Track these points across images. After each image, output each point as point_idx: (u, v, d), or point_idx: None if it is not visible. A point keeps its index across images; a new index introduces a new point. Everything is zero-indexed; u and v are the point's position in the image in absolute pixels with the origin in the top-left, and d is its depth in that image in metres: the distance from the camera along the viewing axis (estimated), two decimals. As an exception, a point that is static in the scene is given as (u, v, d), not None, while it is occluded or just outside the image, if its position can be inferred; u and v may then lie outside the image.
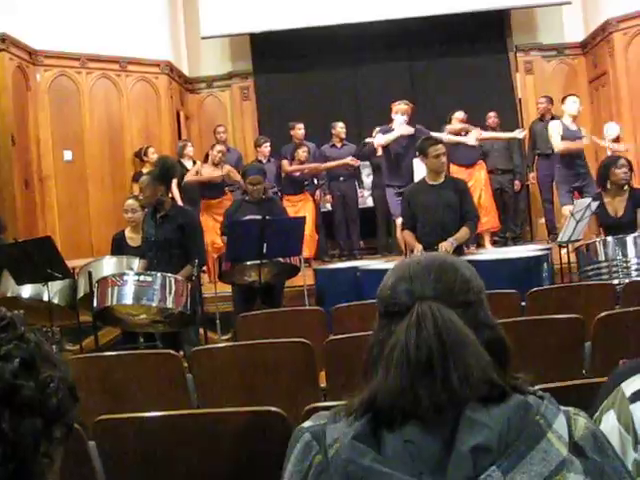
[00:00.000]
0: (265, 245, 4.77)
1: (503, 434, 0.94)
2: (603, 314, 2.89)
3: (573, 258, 5.27)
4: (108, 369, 2.92)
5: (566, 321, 2.95)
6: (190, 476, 1.94)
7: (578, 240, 5.25)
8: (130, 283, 4.20)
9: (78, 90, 8.07)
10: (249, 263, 4.98)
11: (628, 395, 1.21)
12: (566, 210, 6.00)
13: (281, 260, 5.10)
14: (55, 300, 4.90)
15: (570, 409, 1.02)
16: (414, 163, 6.19)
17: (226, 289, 5.74)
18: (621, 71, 8.60)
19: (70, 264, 4.92)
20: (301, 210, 7.51)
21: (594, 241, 4.99)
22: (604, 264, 4.82)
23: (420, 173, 5.88)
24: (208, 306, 5.58)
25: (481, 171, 7.96)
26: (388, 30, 9.09)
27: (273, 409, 1.90)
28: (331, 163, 8.02)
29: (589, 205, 5.14)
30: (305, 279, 5.63)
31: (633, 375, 1.24)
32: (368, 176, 8.54)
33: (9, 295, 4.97)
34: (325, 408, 1.18)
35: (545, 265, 5.20)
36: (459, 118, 7.87)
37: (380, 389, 1.00)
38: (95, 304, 4.30)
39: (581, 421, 1.01)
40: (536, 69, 9.60)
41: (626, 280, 4.51)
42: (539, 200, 8.62)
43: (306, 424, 1.08)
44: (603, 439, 1.01)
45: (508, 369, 1.05)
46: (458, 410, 0.96)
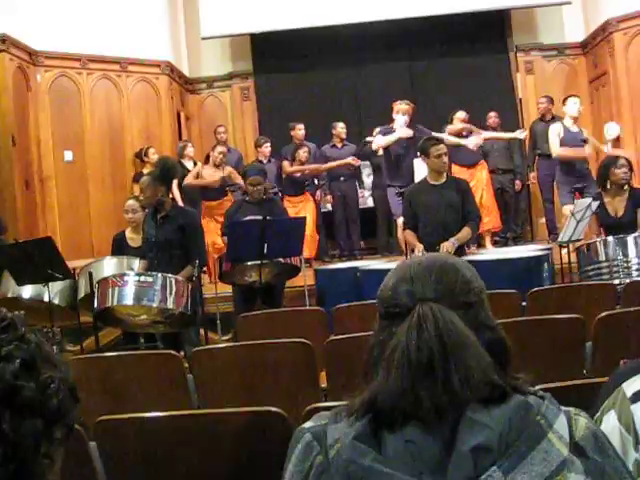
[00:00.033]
0: (266, 245, 4.78)
1: (504, 434, 0.94)
2: (604, 314, 2.89)
3: (574, 258, 5.26)
4: (109, 370, 2.92)
5: (567, 321, 2.95)
6: (191, 476, 1.94)
7: (579, 240, 5.25)
8: (131, 284, 4.20)
9: (79, 91, 8.08)
10: (250, 263, 4.99)
11: (629, 395, 1.21)
12: (567, 210, 5.99)
13: (281, 260, 5.10)
14: (56, 301, 4.90)
15: (571, 409, 1.02)
16: (414, 163, 6.19)
17: (226, 289, 5.74)
18: (621, 71, 8.60)
19: (71, 265, 4.92)
20: (302, 211, 7.50)
21: (595, 241, 4.98)
22: (605, 264, 4.81)
23: (421, 173, 5.88)
24: (209, 306, 5.58)
25: (482, 171, 7.95)
26: (388, 30, 9.09)
27: (273, 409, 1.90)
28: (332, 163, 8.00)
29: (589, 205, 5.13)
30: (305, 279, 5.62)
31: (634, 375, 1.24)
32: (368, 176, 8.53)
33: (10, 296, 4.97)
34: (326, 408, 1.18)
35: (546, 265, 5.19)
36: (460, 118, 7.86)
37: (381, 390, 1.00)
38: (96, 305, 4.31)
39: (582, 421, 1.01)
40: (536, 69, 9.60)
41: (627, 280, 4.51)
42: (540, 200, 8.61)
43: (307, 424, 1.08)
44: (604, 439, 1.01)
45: (509, 370, 1.05)
46: (459, 411, 0.96)
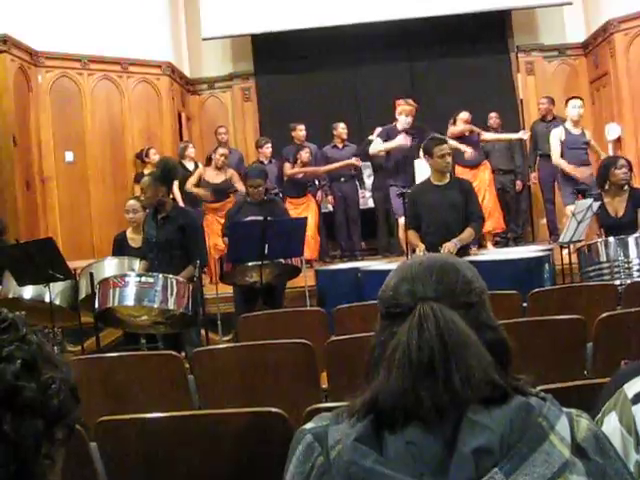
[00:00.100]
0: (266, 246, 4.77)
1: (505, 436, 0.94)
2: (605, 315, 2.89)
3: (574, 259, 5.25)
4: (110, 370, 2.92)
5: (567, 322, 2.95)
6: (191, 477, 1.94)
7: (580, 241, 5.24)
8: (131, 284, 4.20)
9: (80, 91, 8.08)
10: (250, 264, 4.98)
11: (630, 397, 1.21)
12: (569, 210, 5.98)
13: (282, 261, 5.10)
14: (57, 301, 4.90)
15: (572, 411, 1.02)
16: (415, 163, 6.19)
17: (227, 290, 5.74)
18: (622, 72, 8.60)
19: (71, 265, 4.92)
20: (303, 212, 7.49)
21: (596, 242, 4.97)
22: (606, 265, 4.81)
23: (422, 173, 5.88)
24: (209, 307, 5.58)
25: (485, 171, 7.94)
26: (389, 31, 9.10)
27: (274, 410, 1.90)
28: (335, 165, 8.01)
29: (590, 206, 5.13)
30: (306, 280, 5.62)
31: (635, 377, 1.23)
32: (369, 177, 8.53)
33: (11, 296, 4.97)
34: (326, 409, 1.18)
35: (546, 266, 5.19)
36: (464, 119, 7.87)
37: (382, 390, 1.00)
38: (97, 305, 4.31)
39: (583, 423, 1.01)
40: (537, 70, 9.60)
41: (628, 281, 4.50)
42: (541, 201, 8.61)
43: (308, 425, 1.08)
44: (605, 441, 1.01)
45: (510, 370, 1.05)
46: (460, 411, 0.96)
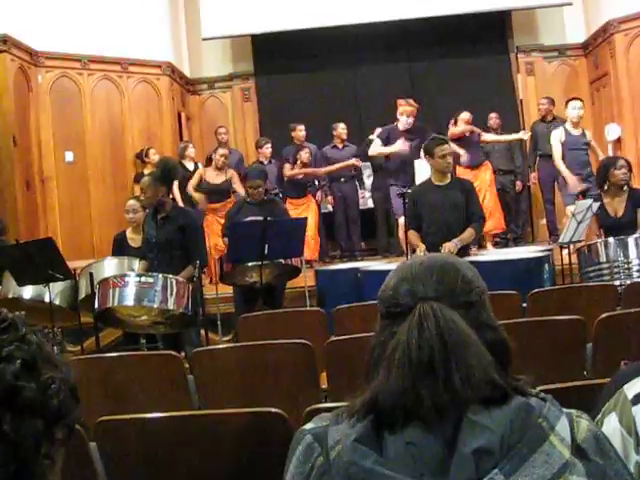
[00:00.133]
0: (266, 246, 4.77)
1: (505, 437, 0.94)
2: (604, 315, 2.89)
3: (574, 259, 5.25)
4: (109, 370, 2.92)
5: (567, 322, 2.94)
6: (191, 477, 1.94)
7: (579, 241, 5.24)
8: (131, 284, 4.20)
9: (80, 91, 8.08)
10: (250, 264, 4.98)
11: (630, 397, 1.20)
12: (569, 211, 5.98)
13: (282, 261, 5.10)
14: (56, 301, 4.90)
15: (572, 411, 1.02)
16: (415, 164, 6.19)
17: (227, 290, 5.74)
18: (622, 72, 8.60)
19: (71, 265, 4.92)
20: (303, 213, 7.49)
21: (595, 242, 4.97)
22: (605, 265, 4.81)
23: (422, 173, 5.88)
24: (209, 307, 5.58)
25: (486, 172, 7.93)
26: (389, 31, 9.10)
27: (274, 410, 1.90)
28: (335, 166, 8.01)
29: (590, 206, 5.13)
30: (306, 280, 5.62)
31: (635, 377, 1.23)
32: (369, 177, 8.54)
33: (10, 296, 4.97)
34: (326, 409, 1.18)
35: (546, 266, 5.19)
36: (465, 119, 7.88)
37: (382, 389, 1.00)
38: (96, 305, 4.30)
39: (583, 423, 1.00)
40: (537, 70, 9.60)
41: (627, 281, 4.51)
42: (540, 201, 8.61)
43: (308, 426, 1.08)
44: (605, 442, 1.00)
45: (510, 370, 1.04)
46: (460, 411, 0.96)
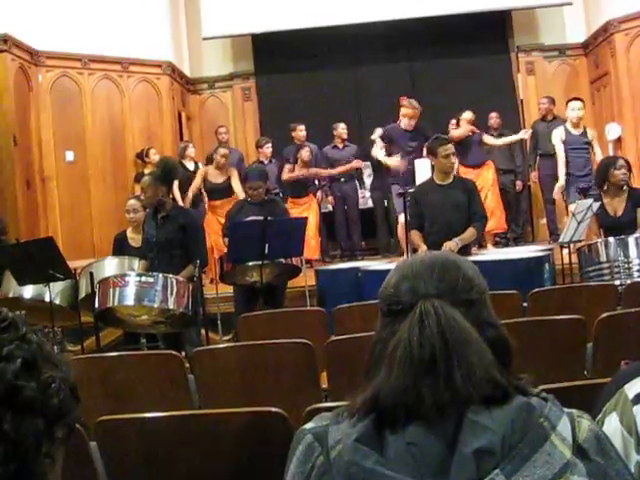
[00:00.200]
0: (267, 246, 4.77)
1: (506, 437, 0.94)
2: (605, 315, 2.89)
3: (575, 259, 5.25)
4: (110, 370, 2.92)
5: (568, 322, 2.94)
6: (191, 477, 1.94)
7: (580, 241, 5.24)
8: (132, 284, 4.20)
9: (80, 91, 8.08)
10: (250, 264, 4.98)
11: (631, 397, 1.20)
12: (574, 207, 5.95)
13: (282, 261, 5.10)
14: (57, 301, 4.90)
15: (574, 411, 1.02)
16: (415, 163, 6.19)
17: (227, 290, 5.74)
18: (622, 72, 8.59)
19: (72, 265, 4.92)
20: (304, 212, 7.49)
21: (596, 242, 4.96)
22: (606, 265, 4.80)
23: (422, 173, 5.88)
24: (209, 307, 5.58)
25: (489, 171, 7.94)
26: (389, 31, 9.09)
27: (274, 410, 1.89)
28: (339, 169, 8.02)
29: (591, 206, 5.13)
30: (306, 280, 5.62)
31: (636, 377, 1.23)
32: (369, 177, 8.54)
33: (11, 296, 4.97)
34: (326, 409, 1.18)
35: (547, 266, 5.19)
36: (467, 119, 7.89)
37: (383, 387, 0.99)
38: (97, 305, 4.30)
39: (585, 423, 1.00)
40: (537, 70, 9.60)
41: (628, 281, 4.50)
42: (541, 201, 8.61)
43: (308, 425, 1.08)
44: (606, 441, 1.00)
45: (511, 369, 1.04)
46: (461, 409, 0.96)
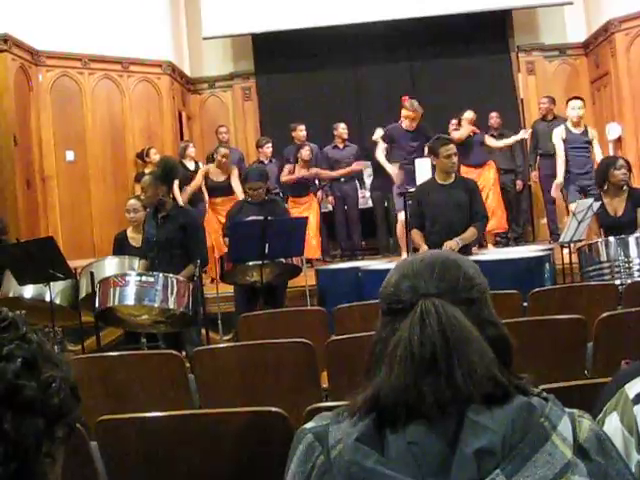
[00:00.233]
0: (267, 245, 4.77)
1: (507, 437, 0.93)
2: (605, 315, 2.89)
3: (575, 258, 5.25)
4: (110, 369, 2.92)
5: (568, 322, 2.94)
6: (192, 476, 1.94)
7: (580, 240, 5.24)
8: (132, 284, 4.20)
9: (80, 90, 8.08)
10: (251, 263, 4.98)
11: (631, 397, 1.20)
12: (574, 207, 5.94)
13: (282, 260, 5.10)
14: (57, 300, 4.90)
15: (575, 411, 1.02)
16: (416, 163, 6.19)
17: (228, 289, 5.74)
18: (623, 71, 8.59)
19: (72, 264, 4.92)
20: (305, 212, 7.49)
21: (596, 241, 4.96)
22: (606, 264, 4.80)
23: (422, 173, 5.88)
24: (210, 306, 5.58)
25: (490, 171, 7.94)
26: (389, 31, 9.10)
27: (274, 409, 1.89)
28: (340, 171, 8.03)
29: (591, 205, 5.12)
30: (307, 279, 5.62)
31: (636, 377, 1.23)
32: (369, 176, 8.54)
33: (11, 295, 4.97)
34: (327, 408, 1.18)
35: (547, 265, 5.19)
36: (469, 119, 7.89)
37: (384, 386, 0.99)
38: (97, 305, 4.30)
39: (586, 423, 1.00)
40: (538, 69, 9.59)
41: (628, 280, 4.49)
42: (541, 200, 8.61)
43: (308, 425, 1.08)
44: (607, 441, 1.00)
45: (512, 369, 1.04)
46: (462, 408, 0.96)
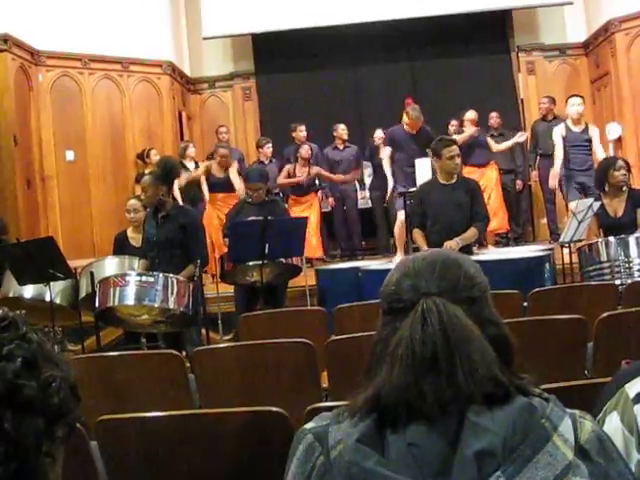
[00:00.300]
0: (267, 245, 4.77)
1: (508, 438, 0.93)
2: (605, 314, 2.89)
3: (575, 258, 5.25)
4: (110, 369, 2.92)
5: (568, 322, 2.94)
6: (192, 476, 1.94)
7: (580, 240, 5.24)
8: (132, 284, 4.20)
9: (80, 90, 8.08)
10: (251, 263, 4.98)
11: (632, 396, 1.20)
12: (572, 207, 5.94)
13: (282, 260, 5.10)
14: (57, 300, 4.90)
15: (576, 412, 1.01)
16: (416, 163, 6.19)
17: (228, 289, 5.74)
18: (623, 71, 8.60)
19: (72, 264, 4.92)
20: (306, 211, 7.49)
21: (596, 241, 4.95)
22: (606, 264, 4.80)
23: (422, 173, 5.88)
24: (210, 306, 5.58)
25: (492, 171, 7.94)
26: (389, 31, 9.10)
27: (275, 409, 1.89)
28: (340, 178, 8.05)
29: (591, 205, 5.12)
30: (307, 279, 5.63)
31: (637, 376, 1.23)
32: (369, 176, 8.54)
33: (11, 295, 4.97)
34: (327, 409, 1.17)
35: (547, 265, 5.19)
36: (470, 119, 7.90)
37: (385, 385, 0.99)
38: (97, 304, 4.30)
39: (587, 424, 1.00)
40: (538, 69, 9.60)
41: (628, 280, 4.49)
42: (541, 200, 8.61)
43: (309, 425, 1.07)
44: (608, 442, 1.00)
45: (513, 369, 1.04)
46: (462, 408, 0.96)
